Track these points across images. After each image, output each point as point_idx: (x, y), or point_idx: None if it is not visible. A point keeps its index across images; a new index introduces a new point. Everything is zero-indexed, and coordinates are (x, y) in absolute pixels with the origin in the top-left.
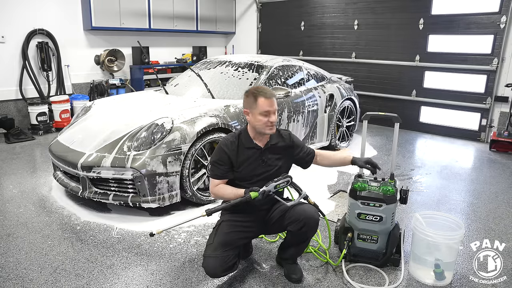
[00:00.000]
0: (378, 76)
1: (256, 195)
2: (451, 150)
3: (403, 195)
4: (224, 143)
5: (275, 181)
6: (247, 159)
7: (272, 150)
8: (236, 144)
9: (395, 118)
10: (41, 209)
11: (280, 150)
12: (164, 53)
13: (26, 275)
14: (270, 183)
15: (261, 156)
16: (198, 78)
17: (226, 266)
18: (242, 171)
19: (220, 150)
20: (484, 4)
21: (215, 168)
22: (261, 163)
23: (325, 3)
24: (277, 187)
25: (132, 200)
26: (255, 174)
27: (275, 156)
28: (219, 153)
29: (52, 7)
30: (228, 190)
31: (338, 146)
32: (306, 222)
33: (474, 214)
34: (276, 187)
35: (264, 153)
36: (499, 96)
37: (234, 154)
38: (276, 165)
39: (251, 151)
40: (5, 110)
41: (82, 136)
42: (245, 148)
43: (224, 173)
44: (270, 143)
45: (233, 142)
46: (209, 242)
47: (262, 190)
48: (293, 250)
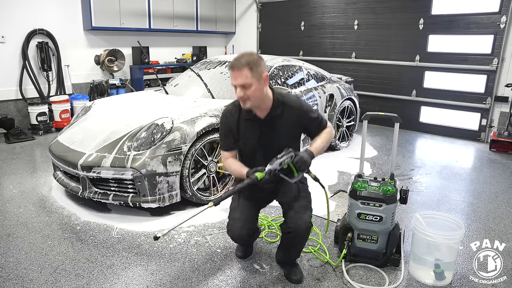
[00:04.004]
0: (378, 76)
1: (263, 175)
2: (451, 150)
3: (403, 195)
4: (224, 114)
5: (279, 157)
6: (247, 131)
7: (273, 121)
8: (237, 115)
9: (395, 118)
10: (41, 209)
11: (284, 121)
12: (164, 53)
13: (26, 275)
14: (275, 160)
15: (261, 128)
16: (198, 78)
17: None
18: (244, 143)
19: (222, 121)
20: (484, 4)
21: (221, 141)
22: (262, 135)
23: (325, 3)
24: (282, 164)
25: (132, 200)
26: (257, 146)
27: (278, 127)
28: (222, 125)
29: (52, 7)
30: (233, 166)
31: (338, 146)
32: (294, 230)
33: (474, 214)
34: (281, 164)
35: (263, 124)
36: (499, 96)
37: (235, 125)
38: (279, 137)
39: (250, 123)
40: (5, 110)
41: (82, 136)
42: (245, 120)
43: (230, 144)
44: (272, 114)
45: (233, 114)
46: (233, 206)
47: (268, 169)
48: (283, 253)
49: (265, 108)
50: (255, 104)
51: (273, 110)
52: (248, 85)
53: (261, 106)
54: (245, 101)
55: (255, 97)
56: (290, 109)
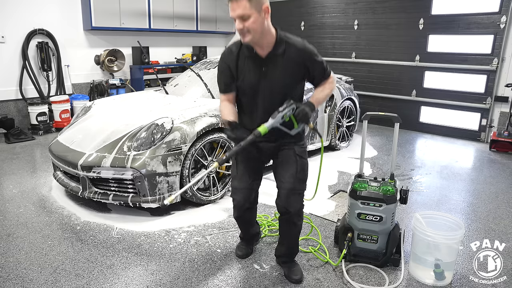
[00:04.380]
0: (378, 76)
1: (266, 130)
2: (451, 150)
3: (403, 195)
4: (223, 53)
5: (281, 110)
6: (247, 70)
7: (274, 60)
8: (236, 53)
9: (395, 118)
10: (41, 209)
11: (286, 60)
12: (164, 53)
13: (26, 275)
14: (276, 113)
15: (261, 67)
16: (198, 78)
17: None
18: (242, 83)
19: (221, 60)
20: (484, 4)
21: (218, 81)
22: (262, 75)
23: (325, 3)
24: (284, 116)
25: (132, 200)
26: (256, 87)
27: (280, 67)
28: (220, 63)
29: (52, 7)
30: (224, 110)
31: (338, 146)
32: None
33: (474, 214)
34: (283, 117)
35: (264, 63)
36: (499, 96)
37: (233, 63)
38: (280, 78)
39: (251, 61)
40: (5, 110)
41: (82, 136)
42: (246, 57)
43: (226, 85)
44: (273, 52)
45: (232, 51)
46: (233, 174)
47: (269, 124)
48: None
49: (266, 45)
50: (255, 38)
51: (275, 48)
52: (247, 16)
53: (262, 42)
54: (245, 35)
55: (254, 30)
56: (294, 48)
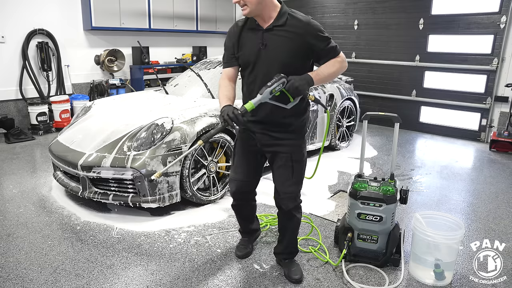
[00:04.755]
0: (378, 76)
1: (252, 106)
2: (451, 150)
3: (403, 195)
4: (230, 28)
5: (269, 85)
6: (247, 42)
7: (275, 32)
8: (241, 26)
9: (395, 118)
10: (41, 209)
11: (287, 33)
12: (164, 53)
13: (26, 275)
14: (264, 88)
15: (262, 38)
16: (198, 78)
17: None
18: (242, 56)
19: (227, 35)
20: (484, 4)
21: (223, 54)
22: (261, 47)
23: (325, 3)
24: (273, 92)
25: (132, 200)
26: (254, 60)
27: (280, 40)
28: (226, 39)
29: (52, 7)
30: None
31: (338, 146)
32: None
33: (474, 214)
34: (272, 92)
35: (265, 35)
36: (499, 96)
37: (236, 36)
38: (278, 51)
39: (252, 33)
40: (5, 110)
41: (82, 136)
42: (248, 30)
43: (228, 59)
44: (274, 23)
45: (238, 25)
46: (231, 165)
47: (257, 99)
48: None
49: (268, 17)
50: (254, 10)
51: (276, 20)
52: None
53: (263, 14)
54: (243, 7)
55: (250, 1)
56: (297, 21)
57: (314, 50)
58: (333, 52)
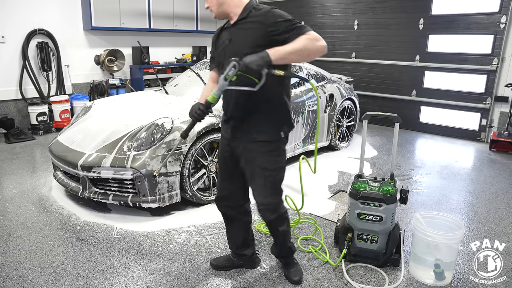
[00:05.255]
0: (378, 76)
1: (213, 96)
2: (451, 150)
3: (403, 195)
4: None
5: (222, 72)
6: (220, 42)
7: (240, 26)
8: (220, 28)
9: (395, 118)
10: (41, 209)
11: (248, 25)
12: (164, 53)
13: (26, 275)
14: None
15: (230, 35)
16: (198, 78)
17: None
18: (215, 57)
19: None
20: (484, 4)
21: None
22: (228, 43)
23: (325, 3)
24: (226, 78)
25: (132, 200)
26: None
27: (243, 32)
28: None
29: (52, 7)
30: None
31: (338, 146)
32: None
33: (474, 214)
34: (226, 78)
35: (231, 31)
36: (499, 96)
37: (215, 39)
38: (242, 45)
39: (225, 32)
40: (5, 110)
41: (82, 136)
42: (224, 30)
43: (211, 62)
44: (238, 18)
45: (219, 27)
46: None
47: (216, 89)
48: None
49: (234, 15)
50: (219, 11)
51: (240, 15)
52: None
53: (229, 13)
54: (211, 11)
55: (211, 4)
56: (258, 12)
57: (276, 35)
58: (298, 29)
